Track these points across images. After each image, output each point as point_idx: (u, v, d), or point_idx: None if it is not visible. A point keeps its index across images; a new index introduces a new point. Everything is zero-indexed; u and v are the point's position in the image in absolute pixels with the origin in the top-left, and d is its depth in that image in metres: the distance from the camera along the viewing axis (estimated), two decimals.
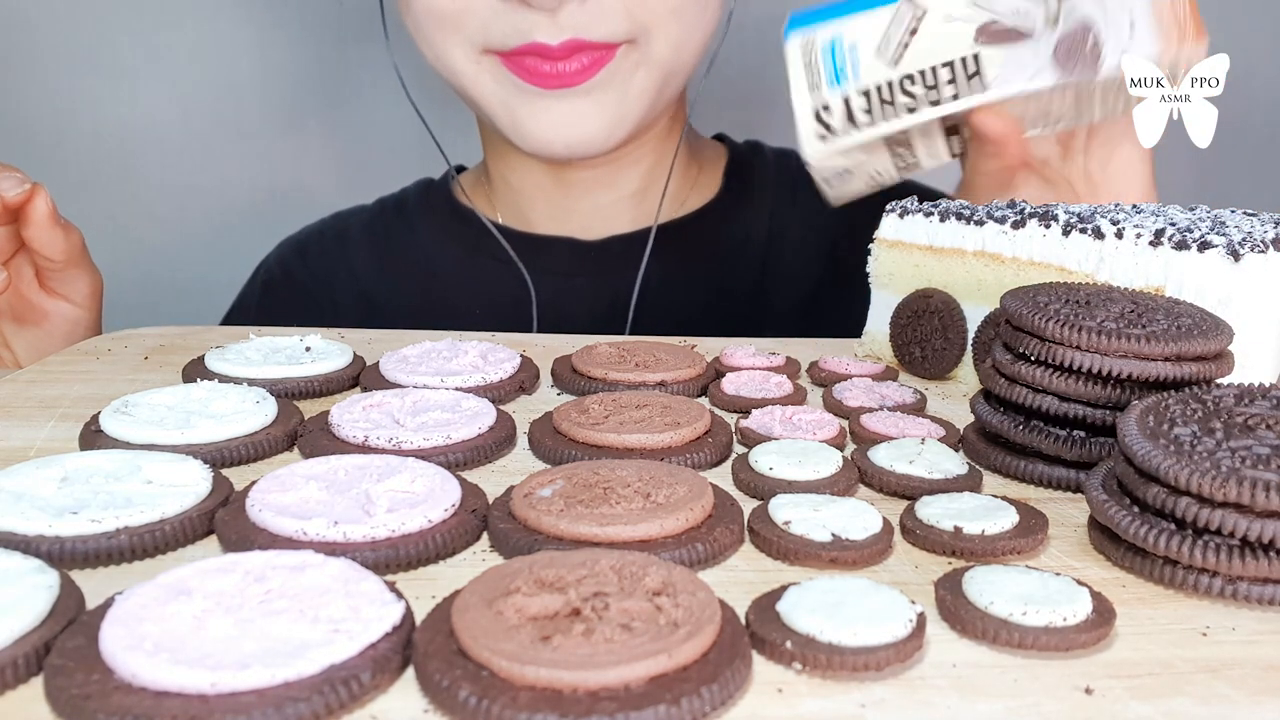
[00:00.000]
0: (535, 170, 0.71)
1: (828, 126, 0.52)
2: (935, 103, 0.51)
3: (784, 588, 0.26)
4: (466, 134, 0.77)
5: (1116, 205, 0.50)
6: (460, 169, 0.79)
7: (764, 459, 0.35)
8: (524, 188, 0.73)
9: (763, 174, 0.76)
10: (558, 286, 0.71)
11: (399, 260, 0.75)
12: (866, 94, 0.52)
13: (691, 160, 0.75)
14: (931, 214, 0.49)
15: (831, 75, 0.51)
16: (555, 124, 0.62)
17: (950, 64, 0.50)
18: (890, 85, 0.51)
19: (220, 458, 0.35)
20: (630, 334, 0.68)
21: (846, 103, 0.52)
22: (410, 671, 0.23)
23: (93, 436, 0.37)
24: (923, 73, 0.51)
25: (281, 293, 0.77)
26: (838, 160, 0.54)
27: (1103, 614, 0.26)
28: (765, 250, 0.74)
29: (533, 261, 0.71)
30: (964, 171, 0.57)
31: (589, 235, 0.73)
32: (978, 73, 0.50)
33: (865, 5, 0.52)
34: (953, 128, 0.54)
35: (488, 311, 0.71)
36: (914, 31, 0.50)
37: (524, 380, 0.45)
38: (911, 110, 0.52)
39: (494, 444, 0.37)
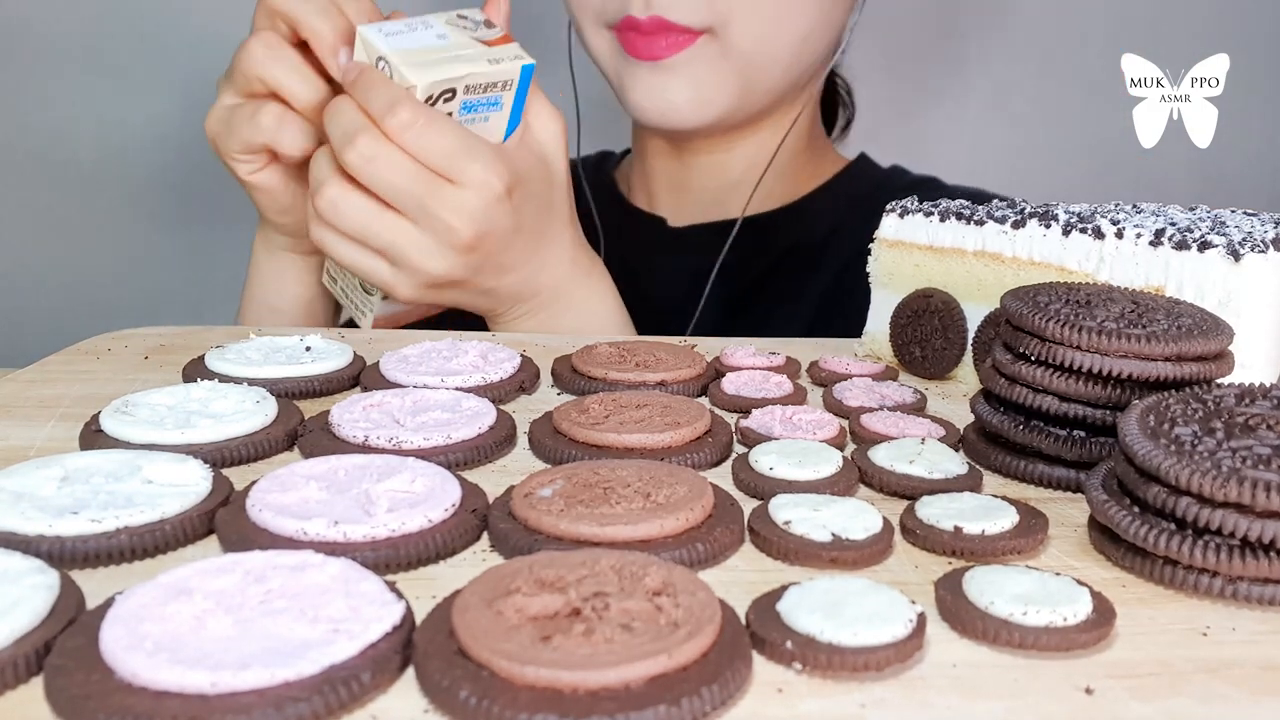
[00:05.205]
0: (660, 147, 0.77)
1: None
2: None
3: (784, 588, 0.26)
4: None
5: (1117, 205, 0.50)
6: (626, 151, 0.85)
7: (764, 459, 0.35)
8: (651, 164, 0.79)
9: (852, 185, 0.77)
10: (636, 264, 0.74)
11: None
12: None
13: (799, 161, 0.77)
14: (932, 214, 0.49)
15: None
16: (648, 92, 0.68)
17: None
18: None
19: (220, 457, 0.35)
20: (698, 321, 0.72)
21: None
22: (410, 671, 0.23)
23: (93, 436, 0.37)
24: None
25: None
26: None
27: (1103, 614, 0.26)
28: (818, 254, 0.75)
29: (625, 234, 0.77)
30: None
31: (680, 221, 0.78)
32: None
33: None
34: None
35: None
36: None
37: (524, 380, 0.45)
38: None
39: (494, 444, 0.37)
